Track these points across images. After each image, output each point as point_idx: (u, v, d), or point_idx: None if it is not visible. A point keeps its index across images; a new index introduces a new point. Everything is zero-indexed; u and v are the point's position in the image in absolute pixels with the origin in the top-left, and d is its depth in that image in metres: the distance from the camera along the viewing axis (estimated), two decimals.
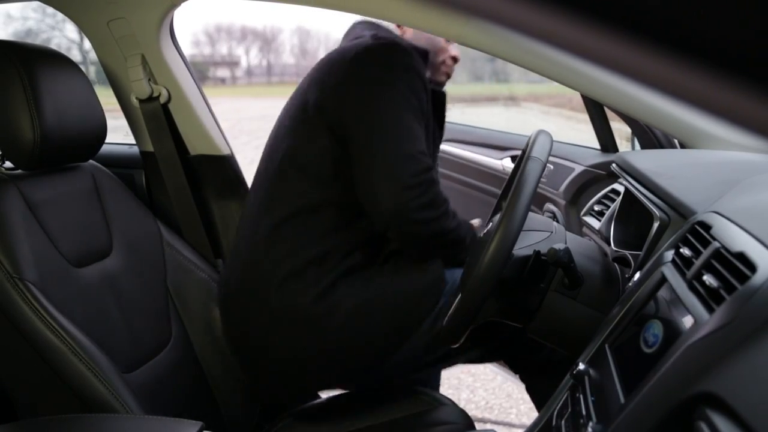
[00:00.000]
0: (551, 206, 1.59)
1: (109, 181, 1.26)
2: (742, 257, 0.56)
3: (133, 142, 1.54)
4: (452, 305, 0.95)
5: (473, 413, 2.00)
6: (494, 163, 1.94)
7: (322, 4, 1.27)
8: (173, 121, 1.46)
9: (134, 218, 1.28)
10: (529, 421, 1.53)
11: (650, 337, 0.63)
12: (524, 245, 0.95)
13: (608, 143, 1.59)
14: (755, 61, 0.21)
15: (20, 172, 1.10)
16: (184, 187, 1.45)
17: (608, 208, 1.22)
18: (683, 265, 0.68)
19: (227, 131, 1.54)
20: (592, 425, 0.63)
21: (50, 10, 1.40)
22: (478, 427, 1.26)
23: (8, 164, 1.13)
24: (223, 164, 1.48)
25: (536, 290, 0.93)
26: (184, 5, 1.37)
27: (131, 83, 1.41)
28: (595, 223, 1.22)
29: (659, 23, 0.21)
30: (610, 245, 1.06)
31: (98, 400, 0.96)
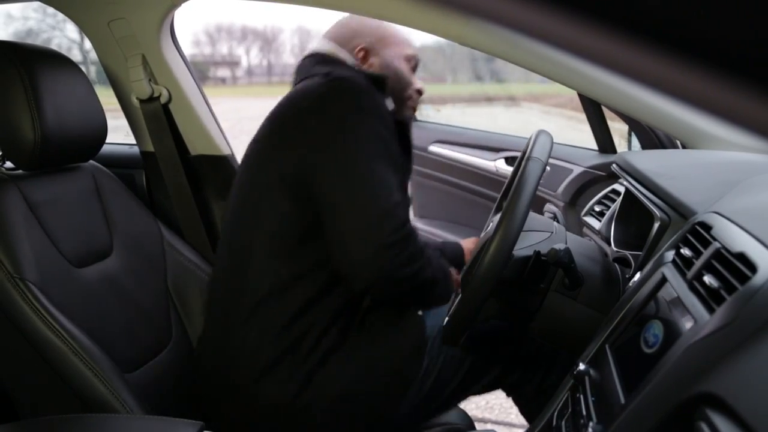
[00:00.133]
0: (552, 207, 1.58)
1: (109, 181, 1.26)
2: (742, 258, 0.56)
3: (133, 142, 1.54)
4: (453, 306, 0.95)
5: (473, 413, 2.00)
6: (487, 164, 1.90)
7: (322, 4, 1.27)
8: (174, 121, 1.46)
9: (135, 218, 1.28)
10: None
11: (651, 337, 0.63)
12: (524, 245, 0.95)
13: (606, 144, 1.58)
14: (755, 60, 0.21)
15: (21, 172, 1.10)
16: (184, 187, 1.45)
17: (608, 208, 1.22)
18: (684, 265, 0.68)
19: (227, 131, 1.55)
20: (592, 425, 0.63)
21: (51, 10, 1.41)
22: (478, 427, 1.26)
23: (9, 164, 1.13)
24: (223, 164, 1.48)
25: (537, 291, 0.93)
26: (184, 5, 1.38)
27: (132, 83, 1.42)
28: (595, 223, 1.22)
29: (659, 23, 0.21)
30: (610, 245, 1.06)
31: (99, 400, 0.96)
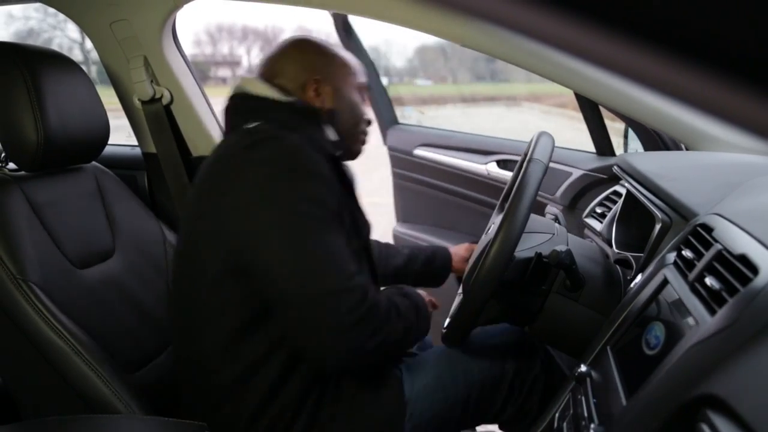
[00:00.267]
0: (553, 208, 1.57)
1: (111, 182, 1.26)
2: (744, 259, 0.56)
3: (136, 143, 1.54)
4: (454, 307, 0.95)
5: None
6: (478, 168, 1.82)
7: (322, 5, 1.27)
8: (175, 122, 1.46)
9: (137, 219, 1.28)
10: None
11: (652, 339, 0.63)
12: (526, 247, 0.95)
13: (604, 147, 1.55)
14: (756, 62, 0.21)
15: (24, 173, 1.10)
16: (186, 188, 1.45)
17: (610, 210, 1.22)
18: (685, 267, 0.68)
19: None
20: (593, 427, 0.63)
21: (52, 10, 1.41)
22: (478, 427, 1.26)
23: (12, 165, 1.14)
24: None
25: (538, 292, 0.93)
26: (186, 6, 1.38)
27: (134, 85, 1.42)
28: (596, 225, 1.22)
29: (661, 24, 0.21)
30: (611, 247, 1.06)
31: (101, 400, 0.96)
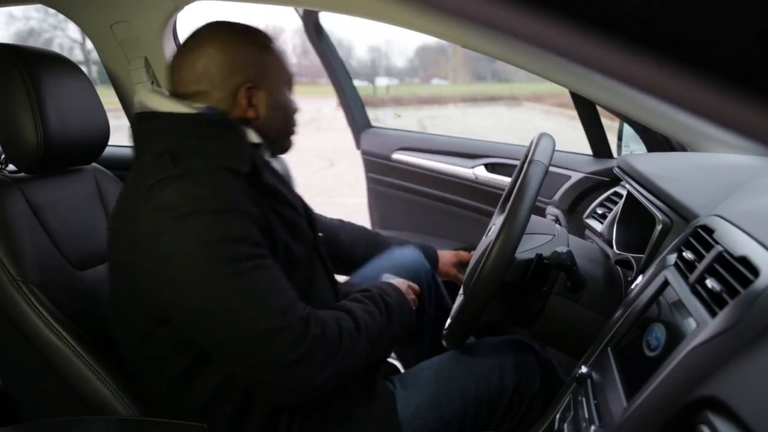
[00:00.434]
0: (554, 209, 1.57)
1: (111, 183, 1.26)
2: (744, 261, 0.56)
3: None
4: (455, 308, 0.95)
5: None
6: (464, 172, 1.79)
7: (323, 6, 1.27)
8: None
9: None
10: None
11: (653, 340, 0.63)
12: (527, 248, 0.95)
13: (601, 148, 1.53)
14: (756, 70, 0.21)
15: (23, 175, 1.10)
16: None
17: (610, 210, 1.22)
18: (686, 268, 0.68)
19: None
20: (594, 428, 0.63)
21: (52, 10, 1.41)
22: None
23: (11, 167, 1.14)
24: None
25: (539, 293, 0.93)
26: (186, 7, 1.38)
27: (134, 86, 1.42)
28: (597, 225, 1.22)
29: (662, 31, 0.21)
30: (612, 248, 1.06)
31: (101, 402, 0.96)
